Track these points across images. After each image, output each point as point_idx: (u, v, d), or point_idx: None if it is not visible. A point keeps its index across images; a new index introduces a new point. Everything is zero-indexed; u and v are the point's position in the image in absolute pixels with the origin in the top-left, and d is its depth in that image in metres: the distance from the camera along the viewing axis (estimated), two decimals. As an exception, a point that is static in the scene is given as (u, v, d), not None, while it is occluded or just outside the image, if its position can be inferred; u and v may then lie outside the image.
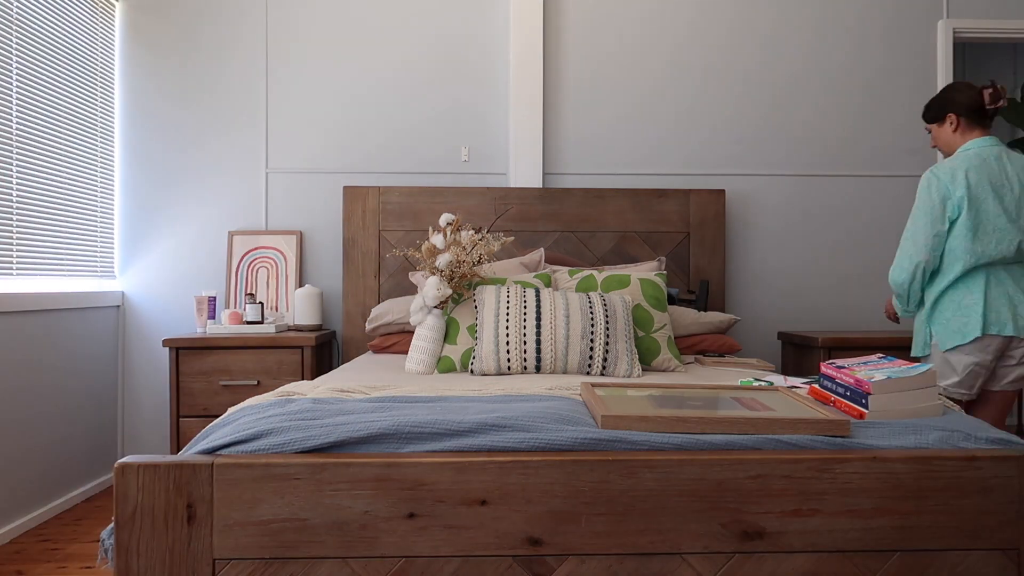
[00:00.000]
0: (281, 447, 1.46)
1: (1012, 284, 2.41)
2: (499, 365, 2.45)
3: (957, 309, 2.41)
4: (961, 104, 2.48)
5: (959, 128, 2.50)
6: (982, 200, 2.38)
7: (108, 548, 1.44)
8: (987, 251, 2.37)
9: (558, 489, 1.41)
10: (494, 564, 1.41)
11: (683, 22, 3.83)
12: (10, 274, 2.93)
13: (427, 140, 3.79)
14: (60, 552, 2.71)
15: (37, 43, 3.11)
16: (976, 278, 2.40)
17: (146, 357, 3.73)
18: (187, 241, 3.74)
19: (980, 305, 2.37)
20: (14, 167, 2.96)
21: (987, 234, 2.38)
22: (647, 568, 1.42)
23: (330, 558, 1.41)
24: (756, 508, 1.43)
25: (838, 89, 3.84)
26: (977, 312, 2.37)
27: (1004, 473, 1.45)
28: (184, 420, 3.22)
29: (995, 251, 2.37)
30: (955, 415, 1.68)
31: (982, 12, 3.85)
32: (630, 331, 2.56)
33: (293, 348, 3.25)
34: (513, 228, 3.64)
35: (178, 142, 3.74)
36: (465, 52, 3.79)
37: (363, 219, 3.63)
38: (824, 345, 3.27)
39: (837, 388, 1.77)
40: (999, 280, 2.40)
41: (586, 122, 3.81)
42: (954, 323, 2.41)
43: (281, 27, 3.76)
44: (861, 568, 1.43)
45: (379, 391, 1.96)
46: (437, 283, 2.59)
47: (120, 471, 1.40)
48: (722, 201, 3.67)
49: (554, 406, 1.68)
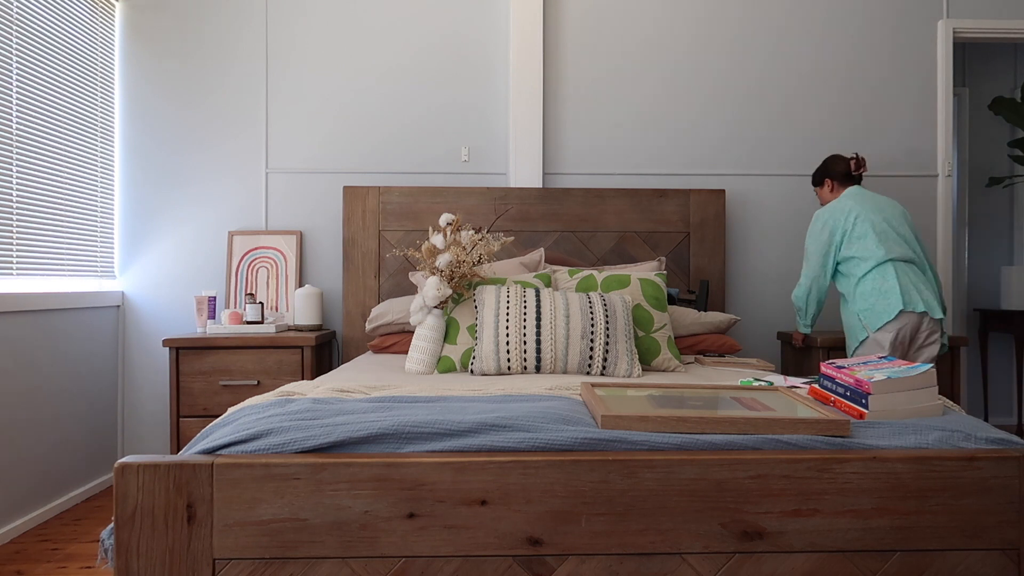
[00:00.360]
0: (281, 447, 1.46)
1: (912, 275, 2.92)
2: (499, 365, 2.45)
3: (877, 294, 2.89)
4: (836, 172, 3.17)
5: (834, 188, 3.19)
6: (871, 215, 2.97)
7: (108, 548, 1.44)
8: (892, 250, 2.92)
9: (558, 489, 1.41)
10: (494, 564, 1.41)
11: (683, 23, 3.83)
12: (10, 274, 2.93)
13: (427, 140, 3.79)
14: (60, 552, 2.71)
15: (37, 43, 3.11)
16: (886, 267, 2.91)
17: (146, 357, 3.73)
18: (187, 241, 3.74)
19: (896, 288, 2.86)
20: (14, 167, 2.96)
21: (887, 239, 2.93)
22: (647, 568, 1.42)
23: (330, 558, 1.41)
24: (756, 508, 1.43)
25: (838, 89, 3.84)
26: (895, 293, 2.85)
27: (1004, 473, 1.45)
28: (184, 420, 3.22)
29: (898, 252, 2.92)
30: (955, 415, 1.68)
31: (982, 12, 3.85)
32: (630, 331, 2.56)
33: (293, 348, 3.25)
34: (513, 228, 3.64)
35: (178, 142, 3.74)
36: (465, 52, 3.79)
37: (363, 219, 3.63)
38: (823, 345, 3.27)
39: (837, 388, 1.77)
40: (903, 271, 2.91)
41: (586, 122, 3.81)
42: (878, 305, 2.88)
43: (281, 27, 3.76)
44: (861, 568, 1.43)
45: (379, 391, 1.96)
46: (437, 283, 2.59)
47: (120, 471, 1.40)
48: (722, 201, 3.67)
49: (554, 406, 1.68)
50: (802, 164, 3.84)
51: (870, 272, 2.92)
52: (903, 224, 3.00)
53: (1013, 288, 4.45)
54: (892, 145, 3.85)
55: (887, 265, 2.90)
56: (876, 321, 2.87)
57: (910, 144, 3.85)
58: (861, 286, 2.94)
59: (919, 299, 2.85)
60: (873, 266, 2.91)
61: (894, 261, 2.91)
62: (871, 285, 2.91)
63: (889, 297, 2.86)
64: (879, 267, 2.91)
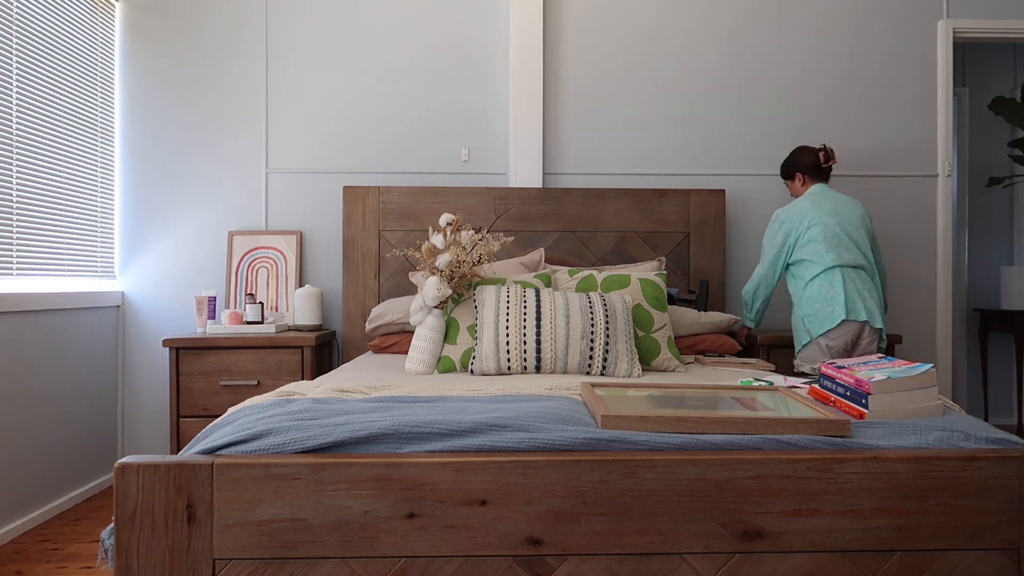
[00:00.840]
0: (281, 447, 1.46)
1: (859, 282, 2.95)
2: (499, 365, 2.45)
3: (823, 300, 2.93)
4: (805, 165, 3.16)
5: (804, 182, 3.19)
6: (825, 220, 2.98)
7: (108, 548, 1.44)
8: (842, 256, 2.94)
9: (558, 489, 1.41)
10: (494, 564, 1.41)
11: (684, 22, 3.83)
12: (10, 274, 2.93)
13: (427, 140, 3.79)
14: (60, 552, 2.71)
15: (37, 43, 3.11)
16: (834, 274, 2.94)
17: (146, 357, 3.73)
18: (187, 241, 3.74)
19: (841, 296, 2.90)
20: (14, 167, 2.96)
21: (839, 244, 2.95)
22: (647, 568, 1.42)
23: (330, 558, 1.41)
24: (756, 508, 1.43)
25: (838, 89, 3.84)
26: (840, 301, 2.89)
27: (1004, 473, 1.45)
28: (184, 420, 3.22)
29: (848, 258, 2.94)
30: (955, 415, 1.68)
31: (982, 12, 3.85)
32: (630, 331, 2.56)
33: (293, 348, 3.25)
34: (513, 228, 3.64)
35: (178, 142, 3.74)
36: (465, 52, 3.79)
37: (363, 219, 3.63)
38: (763, 343, 3.31)
39: (837, 388, 1.77)
40: (850, 278, 2.94)
41: (586, 122, 3.81)
42: (822, 312, 2.92)
43: (281, 27, 3.76)
44: (861, 568, 1.43)
45: (379, 391, 1.96)
46: (437, 283, 2.59)
47: (120, 471, 1.40)
48: (722, 201, 3.67)
49: (554, 406, 1.68)
50: (802, 164, 3.84)
51: (817, 277, 2.95)
52: (859, 228, 3.01)
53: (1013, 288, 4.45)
54: (892, 145, 3.85)
55: (835, 271, 2.93)
56: (819, 327, 2.92)
57: (910, 144, 3.85)
58: (808, 290, 2.97)
59: (862, 307, 2.89)
60: (820, 271, 2.94)
61: (842, 267, 2.93)
62: (817, 291, 2.94)
63: (833, 305, 2.90)
64: (827, 272, 2.93)
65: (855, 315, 2.88)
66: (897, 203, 3.84)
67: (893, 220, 3.84)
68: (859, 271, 2.97)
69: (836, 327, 2.89)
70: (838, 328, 2.89)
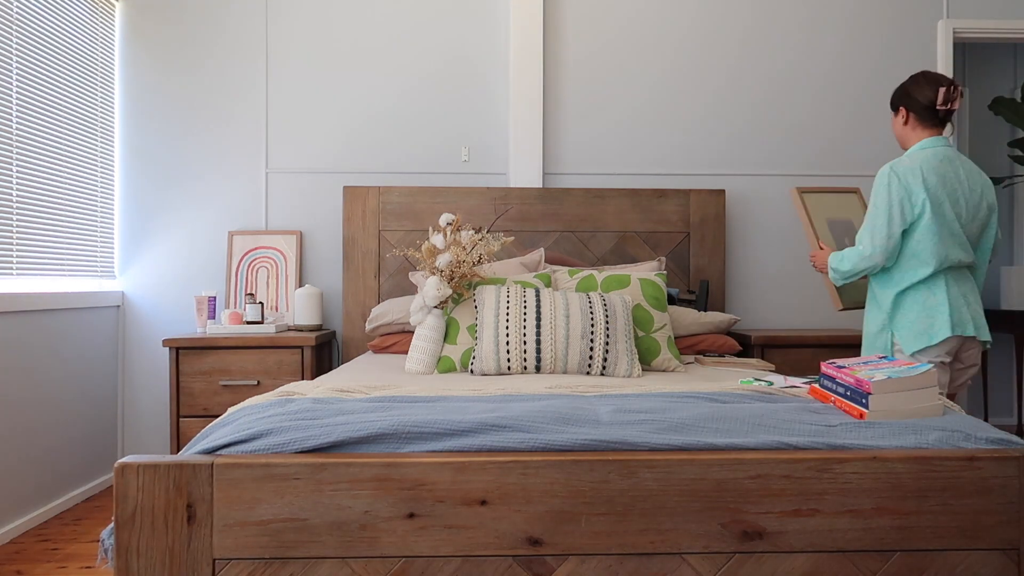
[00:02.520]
0: (281, 447, 1.46)
1: (967, 287, 2.42)
2: (499, 365, 2.45)
3: (922, 311, 2.36)
4: (916, 102, 2.46)
5: (909, 123, 2.50)
6: (941, 203, 2.35)
7: (108, 548, 1.44)
8: (951, 255, 2.35)
9: (558, 489, 1.41)
10: (494, 564, 1.41)
11: (684, 23, 3.83)
12: (10, 274, 2.93)
13: (427, 140, 3.79)
14: (60, 552, 2.71)
15: (37, 43, 3.11)
16: (938, 280, 2.36)
17: (146, 357, 3.73)
18: (187, 241, 3.74)
19: (945, 306, 2.33)
20: (14, 167, 2.96)
21: (950, 237, 2.36)
22: (647, 568, 1.42)
23: (330, 558, 1.41)
24: (756, 508, 1.43)
25: (838, 89, 3.84)
26: (944, 313, 2.33)
27: (1004, 473, 1.45)
28: (184, 420, 3.22)
29: (956, 256, 2.36)
30: (955, 415, 1.68)
31: (982, 12, 3.85)
32: (630, 331, 2.56)
33: (293, 348, 3.25)
34: (513, 228, 3.64)
35: (178, 141, 3.74)
36: (465, 52, 3.79)
37: (363, 219, 3.63)
38: (757, 343, 3.31)
39: (837, 388, 1.77)
40: (957, 282, 2.39)
41: (586, 122, 3.81)
42: (919, 324, 2.35)
43: (281, 27, 3.76)
44: (861, 568, 1.43)
45: (379, 391, 1.96)
46: (437, 283, 2.59)
47: (120, 471, 1.40)
48: (722, 201, 3.67)
49: (554, 405, 1.68)
50: (802, 164, 3.84)
51: (921, 284, 2.36)
52: (978, 211, 2.42)
53: (1013, 288, 4.45)
54: (892, 145, 3.84)
55: (938, 279, 2.36)
56: (913, 343, 2.35)
57: (910, 144, 3.85)
58: (907, 297, 2.38)
59: (968, 318, 2.35)
60: (926, 277, 2.35)
61: (946, 272, 2.37)
62: (914, 295, 2.37)
63: (935, 316, 2.34)
64: (928, 281, 2.36)
65: (961, 329, 2.32)
66: (897, 203, 3.84)
67: (893, 220, 3.84)
68: (963, 271, 2.43)
69: (937, 345, 2.33)
70: (939, 346, 2.33)
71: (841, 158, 3.84)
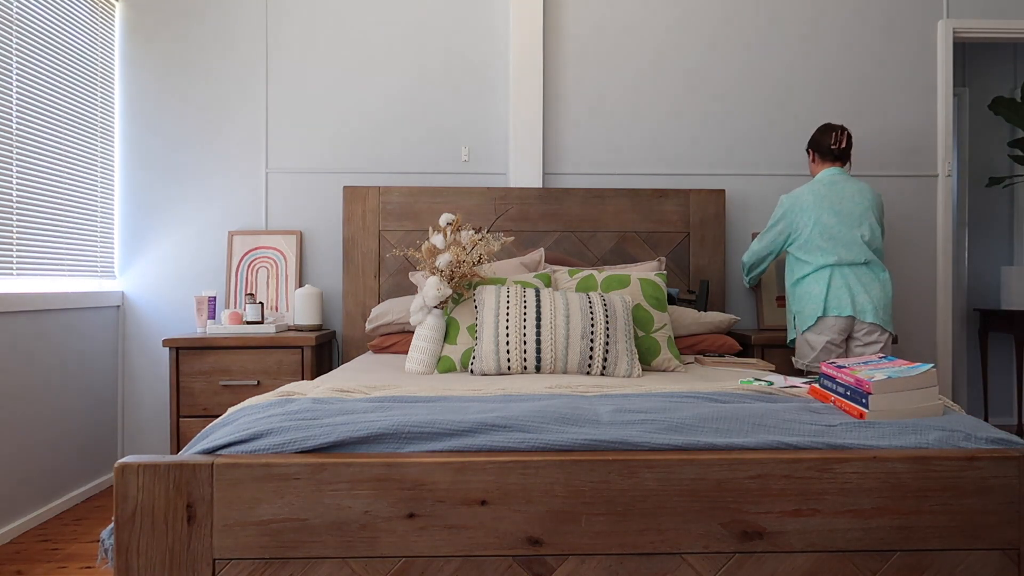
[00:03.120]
0: (281, 447, 1.46)
1: (854, 279, 2.95)
2: (499, 365, 2.45)
3: (807, 298, 2.99)
4: (821, 144, 3.13)
5: (815, 160, 3.18)
6: (825, 219, 2.97)
7: (108, 548, 1.44)
8: (840, 255, 2.95)
9: (558, 489, 1.41)
10: (494, 564, 1.41)
11: (684, 24, 3.83)
12: (10, 274, 2.93)
13: (427, 140, 3.79)
14: (60, 552, 2.71)
15: (37, 43, 3.11)
16: (823, 273, 2.97)
17: (146, 357, 3.73)
18: (187, 241, 3.74)
19: (823, 294, 2.94)
20: (14, 167, 2.96)
21: (837, 244, 2.95)
22: (647, 568, 1.42)
23: (330, 558, 1.41)
24: (756, 508, 1.43)
25: (838, 89, 3.84)
26: (820, 299, 2.94)
27: (1004, 473, 1.45)
28: (184, 420, 3.22)
29: (847, 256, 2.95)
30: (955, 415, 1.68)
31: (982, 12, 3.85)
32: (630, 331, 2.56)
33: (293, 348, 3.25)
34: (513, 228, 3.64)
35: (178, 142, 3.74)
36: (465, 52, 3.79)
37: (363, 219, 3.63)
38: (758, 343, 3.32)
39: (837, 388, 1.77)
40: (842, 275, 2.95)
41: (586, 122, 3.81)
42: (807, 309, 2.98)
43: (281, 27, 3.76)
44: (861, 568, 1.43)
45: (379, 391, 1.96)
46: (437, 283, 2.59)
47: (120, 471, 1.40)
48: (722, 201, 3.67)
49: (554, 405, 1.68)
50: (802, 164, 3.84)
51: (808, 276, 3.00)
52: (863, 221, 2.99)
53: (1013, 288, 4.45)
54: (892, 145, 3.85)
55: (825, 270, 2.97)
56: (803, 323, 3.00)
57: (910, 144, 3.85)
58: (798, 287, 3.04)
59: (848, 303, 2.92)
60: (811, 271, 2.99)
61: (837, 266, 2.96)
62: (804, 288, 3.01)
63: (815, 302, 2.96)
64: (817, 273, 2.98)
65: (838, 311, 2.93)
66: (897, 203, 3.84)
67: (893, 220, 3.84)
68: (857, 268, 2.97)
69: (815, 323, 2.96)
70: (818, 324, 2.96)
71: (841, 158, 3.84)
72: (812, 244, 2.99)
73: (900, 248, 3.85)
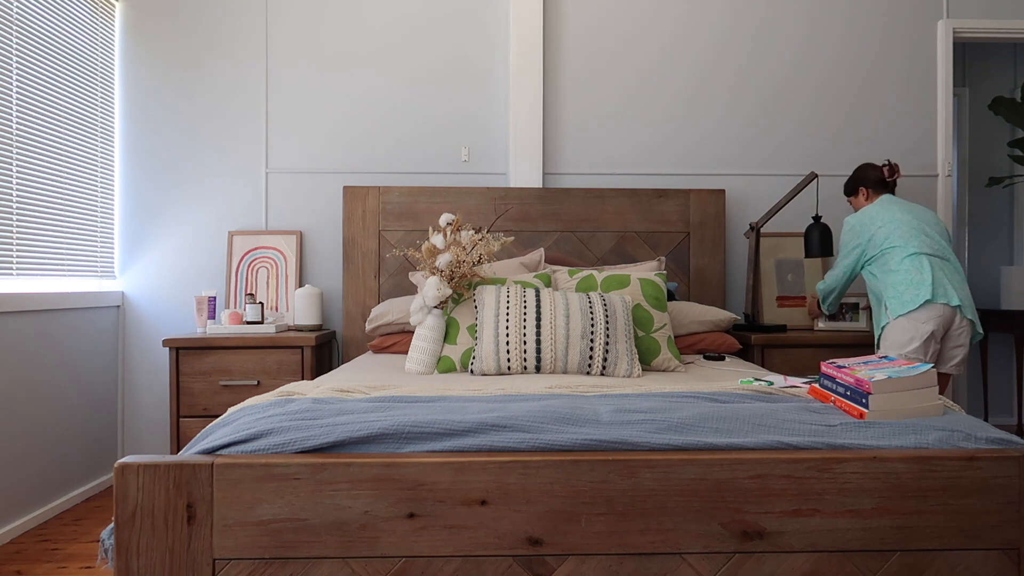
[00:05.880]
0: (281, 447, 1.46)
1: (948, 271, 2.80)
2: (499, 365, 2.45)
3: (908, 284, 2.77)
4: (869, 179, 3.09)
5: (868, 196, 3.10)
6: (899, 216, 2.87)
7: (108, 548, 1.44)
8: (923, 245, 2.80)
9: (558, 489, 1.41)
10: (494, 564, 1.41)
11: (684, 24, 3.83)
12: (10, 274, 2.93)
13: (427, 140, 3.79)
14: (60, 552, 2.71)
15: (37, 43, 3.11)
16: (921, 260, 2.78)
17: (146, 357, 3.73)
18: (187, 241, 3.74)
19: (929, 279, 2.73)
20: (14, 167, 2.96)
21: (918, 236, 2.82)
22: (647, 568, 1.42)
23: (330, 558, 1.41)
24: (756, 508, 1.43)
25: (838, 89, 3.84)
26: (927, 284, 2.73)
27: (1004, 473, 1.45)
28: (184, 420, 3.22)
29: (930, 247, 2.81)
30: (955, 415, 1.67)
31: (982, 12, 3.85)
32: (630, 331, 2.56)
33: (293, 348, 3.25)
34: (513, 228, 3.64)
35: (178, 142, 3.74)
36: (465, 52, 3.79)
37: (363, 219, 3.63)
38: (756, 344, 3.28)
39: (837, 388, 1.77)
40: (938, 265, 2.79)
41: (586, 122, 3.81)
42: (906, 295, 2.75)
43: (281, 27, 3.76)
44: (861, 568, 1.43)
45: (379, 391, 1.96)
46: (437, 283, 2.59)
47: (120, 471, 1.40)
48: (722, 201, 3.67)
49: (553, 405, 1.68)
50: (802, 164, 3.84)
51: (903, 262, 2.79)
52: (936, 225, 2.90)
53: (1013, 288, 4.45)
54: (892, 145, 3.85)
55: (922, 257, 2.77)
56: (899, 308, 2.75)
57: (910, 144, 3.85)
58: (892, 276, 2.81)
59: (954, 293, 2.72)
60: (905, 256, 2.79)
61: (928, 255, 2.78)
62: (903, 276, 2.78)
63: (919, 288, 2.72)
64: (912, 257, 2.78)
65: (944, 298, 2.70)
66: (897, 203, 3.84)
67: (893, 220, 3.84)
68: (945, 261, 2.81)
69: (918, 308, 2.71)
70: (921, 310, 2.71)
71: (841, 158, 3.84)
72: (895, 237, 2.83)
73: (900, 248, 3.85)
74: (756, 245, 3.55)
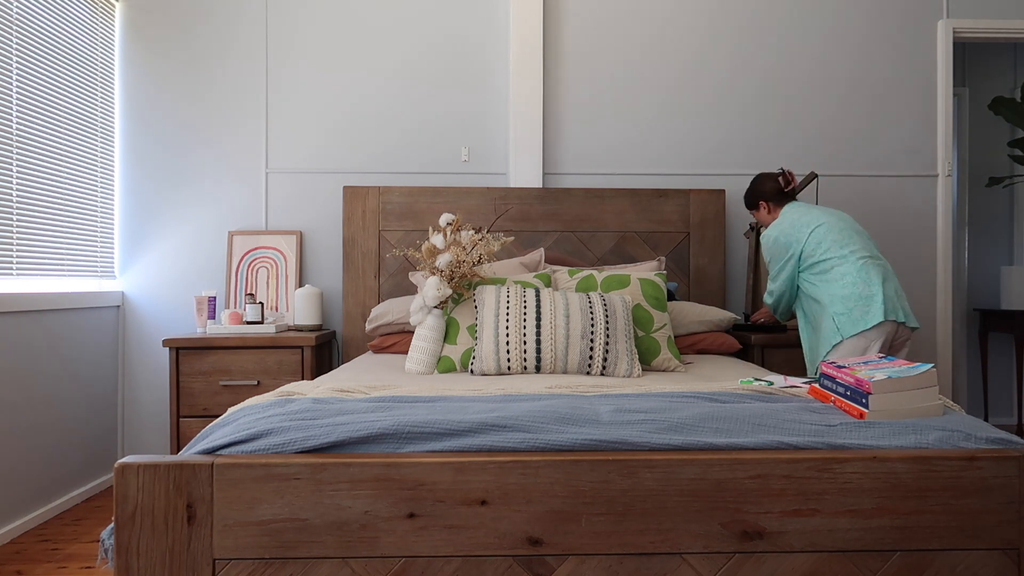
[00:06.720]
0: (281, 447, 1.46)
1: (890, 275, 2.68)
2: (499, 365, 2.45)
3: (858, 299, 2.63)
4: (767, 192, 2.98)
5: (771, 210, 3.00)
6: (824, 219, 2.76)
7: (108, 548, 1.44)
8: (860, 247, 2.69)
9: (558, 489, 1.41)
10: (494, 564, 1.41)
11: (684, 24, 3.83)
12: (10, 274, 2.93)
13: (427, 140, 3.79)
14: (60, 552, 2.71)
15: (37, 43, 3.11)
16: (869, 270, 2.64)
17: (146, 357, 3.73)
18: (187, 241, 3.74)
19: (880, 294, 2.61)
20: (14, 167, 2.96)
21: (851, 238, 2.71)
22: (647, 568, 1.42)
23: (330, 558, 1.41)
24: (756, 508, 1.43)
25: (838, 89, 3.84)
26: (879, 300, 2.60)
27: (1004, 473, 1.45)
28: (184, 420, 3.22)
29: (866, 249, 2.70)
30: (955, 415, 1.68)
31: (982, 12, 3.85)
32: (630, 331, 2.56)
33: (293, 348, 3.25)
34: (513, 228, 3.64)
35: (178, 142, 3.74)
36: (465, 52, 3.79)
37: (363, 219, 3.63)
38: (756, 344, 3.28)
39: (837, 388, 1.77)
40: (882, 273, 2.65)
41: (586, 121, 3.81)
42: (856, 311, 2.62)
43: (281, 27, 3.76)
44: (861, 568, 1.43)
45: (379, 391, 1.96)
46: (437, 283, 2.59)
47: (120, 471, 1.40)
48: (722, 201, 3.67)
49: (553, 405, 1.68)
50: (802, 164, 3.84)
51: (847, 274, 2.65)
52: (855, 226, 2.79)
53: (1013, 288, 4.45)
54: (892, 145, 3.85)
55: (868, 267, 2.64)
56: (851, 327, 2.61)
57: (910, 144, 3.85)
58: (836, 288, 2.65)
59: (900, 307, 2.64)
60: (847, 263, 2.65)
61: (871, 261, 2.66)
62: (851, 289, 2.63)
63: (871, 304, 2.60)
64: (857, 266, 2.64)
65: (894, 315, 2.60)
66: (897, 203, 3.84)
67: (893, 220, 3.84)
68: (882, 264, 2.69)
69: (872, 328, 2.58)
70: (874, 329, 2.59)
71: (841, 158, 3.84)
72: (827, 242, 2.70)
73: (900, 248, 3.85)
74: (756, 245, 3.55)
